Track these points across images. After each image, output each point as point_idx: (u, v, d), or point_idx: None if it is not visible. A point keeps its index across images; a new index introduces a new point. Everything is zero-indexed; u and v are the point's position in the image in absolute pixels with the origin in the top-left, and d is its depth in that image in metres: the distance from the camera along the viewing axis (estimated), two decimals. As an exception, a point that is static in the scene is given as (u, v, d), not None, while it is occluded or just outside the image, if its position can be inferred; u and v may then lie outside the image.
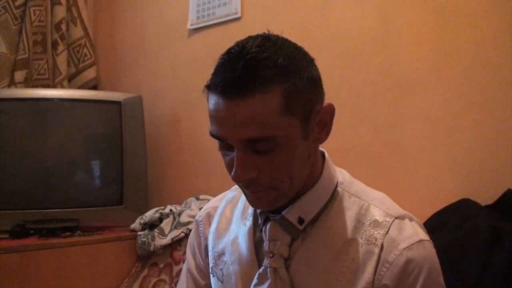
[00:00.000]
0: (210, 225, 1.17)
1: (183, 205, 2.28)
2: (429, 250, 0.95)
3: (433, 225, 1.42)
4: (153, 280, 2.17)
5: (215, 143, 0.95)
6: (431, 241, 0.97)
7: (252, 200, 0.96)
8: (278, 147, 0.88)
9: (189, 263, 1.21)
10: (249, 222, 1.06)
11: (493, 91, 1.57)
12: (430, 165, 1.70)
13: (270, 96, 0.85)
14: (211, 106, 0.89)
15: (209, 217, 1.18)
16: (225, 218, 1.14)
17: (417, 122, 1.73)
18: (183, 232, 2.10)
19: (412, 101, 1.75)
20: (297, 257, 0.98)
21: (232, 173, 0.90)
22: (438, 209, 1.56)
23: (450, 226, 1.43)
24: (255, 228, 1.05)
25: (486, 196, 1.53)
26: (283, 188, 0.92)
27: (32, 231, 2.26)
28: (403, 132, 1.76)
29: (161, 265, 2.17)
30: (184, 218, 2.14)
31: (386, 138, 1.80)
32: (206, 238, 1.17)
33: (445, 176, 1.66)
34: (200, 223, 1.19)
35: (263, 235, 1.01)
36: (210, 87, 0.89)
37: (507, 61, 1.55)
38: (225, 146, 0.92)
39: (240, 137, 0.87)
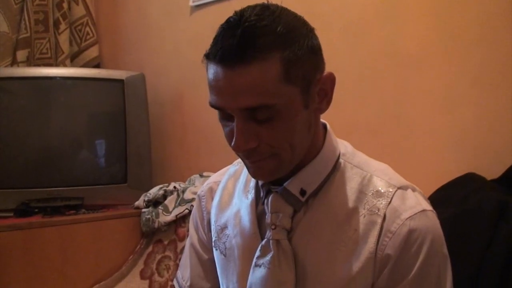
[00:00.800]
0: (212, 199, 1.17)
1: (186, 182, 2.28)
2: (432, 220, 0.94)
3: (437, 199, 1.41)
4: (158, 256, 2.18)
5: (217, 119, 0.94)
6: (434, 211, 0.97)
7: (253, 171, 0.95)
8: (278, 116, 0.87)
9: (192, 237, 1.21)
10: (251, 195, 1.06)
11: (498, 67, 1.55)
12: (434, 140, 1.69)
13: (269, 64, 0.84)
14: (210, 75, 0.88)
15: (211, 191, 1.18)
16: (227, 192, 1.14)
17: (422, 97, 1.72)
18: (187, 209, 2.10)
19: (417, 76, 1.73)
20: (300, 229, 0.98)
21: (232, 143, 0.89)
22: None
23: (455, 200, 1.42)
24: (257, 201, 1.05)
25: (491, 171, 1.51)
26: (283, 157, 0.91)
27: (36, 210, 2.27)
28: (408, 108, 1.75)
29: (166, 242, 2.18)
30: (188, 195, 2.14)
31: (390, 113, 1.79)
32: (208, 213, 1.16)
33: (450, 152, 1.65)
34: (203, 197, 1.19)
35: (265, 208, 1.00)
36: (209, 56, 0.88)
37: (513, 35, 1.53)
38: (225, 116, 0.91)
39: (239, 106, 0.86)
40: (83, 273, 2.12)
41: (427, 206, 0.96)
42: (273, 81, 0.85)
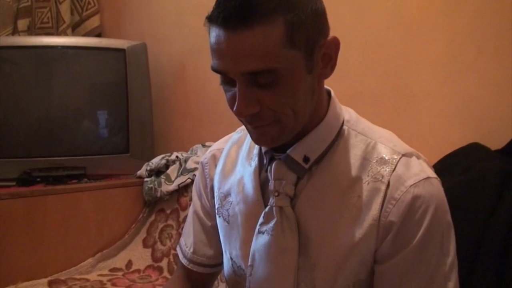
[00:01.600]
0: (215, 166, 1.16)
1: (189, 152, 2.28)
2: (437, 187, 0.94)
3: (441, 168, 1.40)
4: (160, 225, 2.19)
5: (220, 89, 0.93)
6: (438, 178, 0.96)
7: (256, 136, 0.94)
8: (281, 80, 0.86)
9: (195, 205, 1.21)
10: (254, 162, 1.05)
11: (504, 36, 1.53)
12: (438, 110, 1.68)
13: (272, 27, 0.83)
14: (212, 39, 0.87)
15: (214, 158, 1.18)
16: (230, 159, 1.13)
17: (426, 66, 1.70)
18: (189, 178, 2.11)
19: (422, 45, 1.71)
20: (303, 196, 0.97)
21: (234, 108, 0.88)
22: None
23: (458, 169, 1.41)
24: (261, 168, 1.04)
25: (495, 141, 1.50)
26: (286, 123, 0.90)
27: (38, 179, 2.28)
28: (412, 77, 1.73)
29: (168, 211, 2.19)
30: (190, 165, 2.14)
31: (395, 83, 1.77)
32: (211, 180, 1.16)
33: (454, 121, 1.64)
34: (206, 165, 1.19)
35: (269, 175, 1.00)
36: (211, 19, 0.86)
37: (519, 4, 1.50)
38: (227, 81, 0.90)
39: (242, 70, 0.85)
40: (86, 241, 2.14)
41: (432, 173, 0.96)
42: (276, 45, 0.83)
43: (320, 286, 0.96)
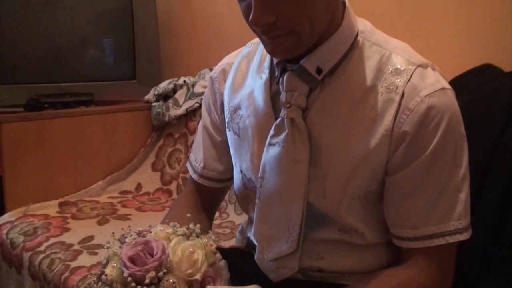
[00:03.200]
0: (225, 81, 1.14)
1: (196, 77, 2.26)
2: (451, 98, 0.93)
3: (453, 88, 1.38)
4: (169, 149, 2.20)
5: (228, 14, 0.90)
6: (453, 90, 0.95)
7: (271, 47, 0.92)
8: None
9: (204, 120, 1.20)
10: (265, 75, 1.03)
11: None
12: (451, 31, 1.64)
13: None
14: None
15: (224, 73, 1.16)
16: (240, 73, 1.11)
17: (440, -15, 1.65)
18: (197, 102, 2.10)
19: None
20: (315, 108, 0.96)
21: (250, 17, 0.86)
22: (458, 78, 1.52)
23: (470, 88, 1.39)
24: (272, 81, 1.02)
25: (508, 63, 1.48)
26: (302, 33, 0.88)
27: (46, 105, 2.27)
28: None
29: (176, 135, 2.19)
30: (198, 89, 2.13)
31: (407, 3, 1.73)
32: (221, 94, 1.15)
33: (466, 42, 1.61)
34: (215, 79, 1.17)
35: (280, 87, 0.98)
36: None
37: None
38: None
39: None
40: (95, 165, 2.15)
41: (446, 84, 0.94)
42: None
43: (330, 196, 0.96)
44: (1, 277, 1.81)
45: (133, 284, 0.73)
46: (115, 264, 0.77)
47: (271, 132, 0.99)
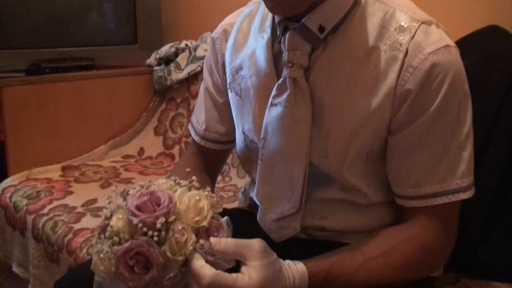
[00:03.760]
0: (226, 41, 1.13)
1: (198, 40, 2.24)
2: (455, 56, 0.91)
3: (458, 48, 1.36)
4: (171, 114, 2.20)
5: None
6: (457, 47, 0.93)
7: (272, 5, 0.90)
8: None
9: (206, 82, 1.19)
10: (267, 34, 1.02)
11: None
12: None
13: None
14: None
15: (225, 33, 1.14)
16: (242, 33, 1.10)
17: None
18: (199, 66, 2.08)
19: None
20: (317, 67, 0.95)
21: None
22: (464, 39, 1.50)
23: (477, 48, 1.37)
24: (273, 41, 1.01)
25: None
26: None
27: (47, 70, 2.26)
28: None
29: (179, 100, 2.18)
30: (200, 52, 2.11)
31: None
32: (223, 55, 1.13)
33: (470, 3, 1.59)
34: (216, 40, 1.15)
35: (282, 46, 0.97)
36: None
37: None
38: None
39: None
40: (97, 129, 2.16)
41: (451, 42, 0.93)
42: None
43: (333, 156, 0.96)
44: (5, 240, 1.83)
45: (145, 229, 0.74)
46: (120, 216, 0.77)
47: (273, 92, 0.98)
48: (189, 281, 0.77)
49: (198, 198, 0.78)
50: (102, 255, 0.76)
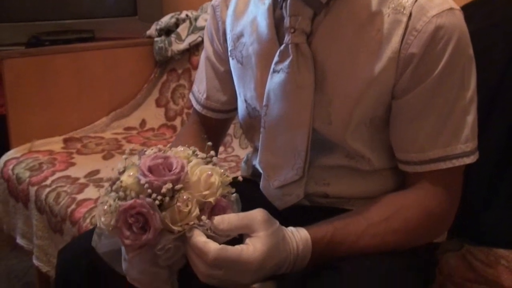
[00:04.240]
0: (227, 8, 1.11)
1: (199, 11, 2.22)
2: (459, 19, 0.90)
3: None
4: (172, 85, 2.19)
5: None
6: (461, 11, 0.92)
7: None
8: None
9: (207, 50, 1.18)
10: (268, 0, 1.01)
11: None
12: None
13: None
14: None
15: (225, 0, 1.13)
16: (242, 0, 1.08)
17: None
18: (200, 36, 2.07)
19: None
20: (320, 32, 0.94)
21: None
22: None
23: (479, 16, 1.35)
24: (275, 7, 0.99)
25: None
26: None
27: (47, 43, 2.25)
28: None
29: (180, 71, 2.17)
30: (200, 22, 2.09)
31: None
32: (223, 22, 1.12)
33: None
34: (217, 7, 1.14)
35: (283, 12, 0.95)
36: None
37: None
38: None
39: None
40: (98, 101, 2.15)
41: (455, 5, 0.91)
42: None
43: (336, 122, 0.95)
44: (8, 212, 1.83)
45: (149, 191, 0.74)
46: (131, 173, 0.77)
47: (275, 58, 0.97)
48: (190, 258, 0.77)
49: (210, 173, 0.78)
50: (105, 207, 0.77)
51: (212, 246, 0.74)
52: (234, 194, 0.83)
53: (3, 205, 1.85)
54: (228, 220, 0.77)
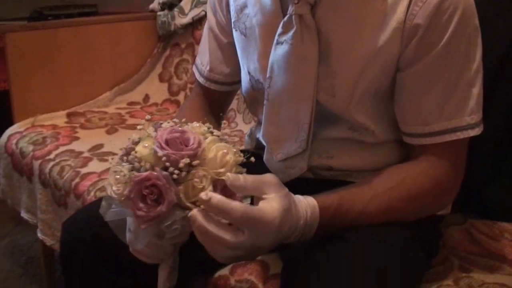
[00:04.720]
0: (230, -22, 1.10)
1: (202, -18, 2.20)
2: (465, -10, 0.89)
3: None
4: (176, 60, 2.17)
5: None
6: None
7: None
8: None
9: (210, 22, 1.17)
10: (272, -30, 0.99)
11: None
12: None
13: None
14: None
15: (229, -29, 1.11)
16: (246, -29, 1.07)
17: None
18: (203, 10, 2.05)
19: None
20: (324, 3, 0.92)
21: None
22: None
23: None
24: (279, -23, 0.98)
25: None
26: None
27: (50, 18, 2.25)
28: None
29: (183, 45, 2.16)
30: (204, -4, 2.07)
31: None
32: (227, -7, 1.11)
33: None
34: (220, -22, 1.13)
35: (287, -18, 0.94)
36: None
37: None
38: None
39: None
40: (101, 76, 2.14)
41: (460, -25, 0.90)
42: None
43: (340, 94, 0.95)
44: (13, 186, 1.84)
45: (167, 164, 0.73)
46: (147, 144, 0.77)
47: (279, 30, 0.96)
48: (207, 244, 0.75)
49: (226, 151, 0.78)
50: (118, 177, 0.76)
51: (238, 204, 0.74)
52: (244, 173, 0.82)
53: (7, 179, 1.85)
54: (243, 178, 0.76)
